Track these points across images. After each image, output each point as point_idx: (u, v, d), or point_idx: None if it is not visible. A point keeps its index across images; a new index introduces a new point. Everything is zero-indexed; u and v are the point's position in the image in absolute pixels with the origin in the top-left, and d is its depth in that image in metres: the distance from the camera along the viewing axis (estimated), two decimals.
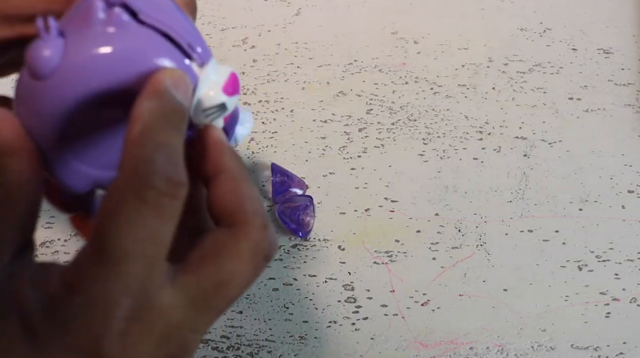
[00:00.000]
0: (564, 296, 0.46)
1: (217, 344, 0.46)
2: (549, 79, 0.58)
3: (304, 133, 0.54)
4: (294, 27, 0.61)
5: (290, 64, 0.58)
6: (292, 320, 0.46)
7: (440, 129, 0.54)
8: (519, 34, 0.62)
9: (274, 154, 0.52)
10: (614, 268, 0.47)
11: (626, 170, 0.52)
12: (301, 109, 0.55)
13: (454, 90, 0.57)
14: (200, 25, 0.61)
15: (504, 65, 0.59)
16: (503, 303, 0.45)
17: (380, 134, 0.54)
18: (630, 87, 0.58)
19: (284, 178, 0.49)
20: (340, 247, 0.47)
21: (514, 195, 0.51)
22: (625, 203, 0.51)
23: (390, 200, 0.50)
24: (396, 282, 0.46)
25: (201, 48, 0.23)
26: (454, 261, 0.47)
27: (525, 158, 0.53)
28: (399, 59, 0.59)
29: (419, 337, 0.44)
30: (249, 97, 0.56)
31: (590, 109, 0.57)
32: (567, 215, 0.50)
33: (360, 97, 0.56)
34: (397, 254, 0.47)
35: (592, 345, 0.44)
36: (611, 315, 0.45)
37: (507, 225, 0.49)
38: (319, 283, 0.47)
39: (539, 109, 0.56)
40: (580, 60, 0.60)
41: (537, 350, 0.43)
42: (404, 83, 0.57)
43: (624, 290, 0.46)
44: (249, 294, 0.47)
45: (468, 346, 0.43)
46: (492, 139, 0.54)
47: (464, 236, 0.48)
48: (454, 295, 0.45)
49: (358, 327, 0.44)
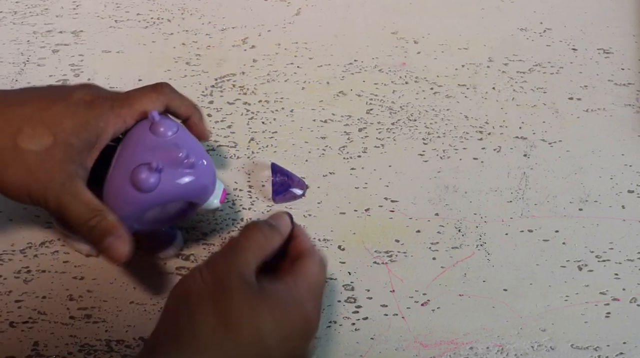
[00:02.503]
0: (564, 296, 0.46)
1: None
2: (549, 79, 0.58)
3: (304, 133, 0.54)
4: (294, 27, 0.61)
5: (290, 64, 0.58)
6: None
7: (440, 129, 0.54)
8: (519, 34, 0.62)
9: (274, 154, 0.52)
10: (614, 268, 0.47)
11: (626, 170, 0.52)
12: (301, 109, 0.55)
13: (454, 90, 0.57)
14: (200, 25, 0.61)
15: (504, 65, 0.59)
16: (503, 303, 0.45)
17: (380, 134, 0.54)
18: (630, 87, 0.58)
19: (284, 178, 0.49)
20: (340, 247, 0.47)
21: (514, 195, 0.51)
22: (625, 204, 0.50)
23: (390, 200, 0.50)
24: (396, 282, 0.46)
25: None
26: (454, 261, 0.47)
27: (525, 158, 0.53)
28: (399, 59, 0.59)
29: (419, 337, 0.44)
30: (249, 97, 0.56)
31: (590, 109, 0.57)
32: (567, 215, 0.50)
33: (360, 97, 0.56)
34: (397, 254, 0.47)
35: (592, 345, 0.44)
36: (611, 315, 0.45)
37: (507, 225, 0.49)
38: None
39: (539, 109, 0.56)
40: (580, 60, 0.60)
41: (537, 350, 0.43)
42: (404, 83, 0.57)
43: (624, 290, 0.46)
44: None
45: (468, 346, 0.43)
46: (492, 139, 0.54)
47: (464, 236, 0.48)
48: (454, 295, 0.45)
49: (358, 327, 0.44)
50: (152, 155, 0.36)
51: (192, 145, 0.39)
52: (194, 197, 0.39)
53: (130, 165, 0.36)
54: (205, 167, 0.38)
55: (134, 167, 0.36)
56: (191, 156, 0.36)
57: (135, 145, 0.38)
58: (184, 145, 0.37)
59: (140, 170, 0.35)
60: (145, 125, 0.38)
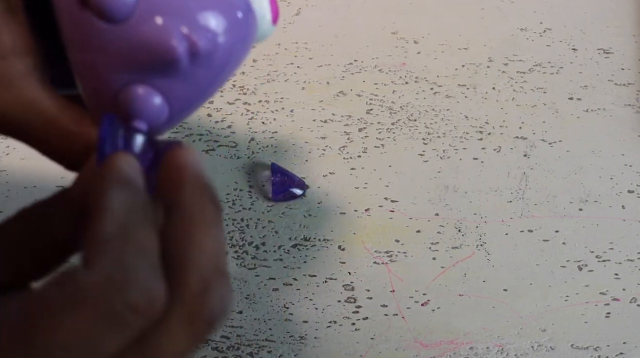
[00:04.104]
0: (564, 296, 0.46)
1: (217, 344, 0.46)
2: (549, 79, 0.58)
3: (304, 133, 0.54)
4: (294, 27, 0.61)
5: (290, 64, 0.58)
6: (292, 320, 0.46)
7: (440, 129, 0.54)
8: (519, 34, 0.62)
9: (274, 154, 0.52)
10: (614, 268, 0.47)
11: (626, 170, 0.52)
12: (301, 109, 0.55)
13: (454, 90, 0.57)
14: None
15: (504, 65, 0.59)
16: (503, 303, 0.45)
17: (380, 134, 0.54)
18: (630, 87, 0.58)
19: (284, 178, 0.49)
20: (340, 247, 0.47)
21: (514, 195, 0.51)
22: (625, 204, 0.50)
23: (390, 200, 0.50)
24: (396, 282, 0.46)
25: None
26: (454, 261, 0.47)
27: (525, 158, 0.53)
28: (399, 59, 0.59)
29: (419, 337, 0.44)
30: (249, 97, 0.56)
31: (590, 109, 0.57)
32: (567, 215, 0.50)
33: (360, 97, 0.56)
34: (397, 254, 0.47)
35: (592, 345, 0.44)
36: (611, 315, 0.45)
37: (507, 225, 0.49)
38: (319, 283, 0.47)
39: (539, 109, 0.56)
40: (580, 60, 0.60)
41: (537, 350, 0.43)
42: (404, 83, 0.57)
43: (624, 290, 0.46)
44: (248, 294, 0.47)
45: (468, 346, 0.43)
46: (492, 139, 0.54)
47: (464, 236, 0.48)
48: (454, 295, 0.45)
49: (358, 327, 0.44)
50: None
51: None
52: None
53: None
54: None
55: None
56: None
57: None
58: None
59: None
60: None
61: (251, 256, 0.48)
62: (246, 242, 0.48)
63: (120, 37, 0.20)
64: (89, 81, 0.22)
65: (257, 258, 0.48)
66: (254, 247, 0.48)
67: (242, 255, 0.48)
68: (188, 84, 0.22)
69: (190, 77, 0.22)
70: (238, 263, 0.48)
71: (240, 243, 0.48)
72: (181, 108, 0.23)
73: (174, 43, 0.20)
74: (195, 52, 0.21)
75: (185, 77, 0.22)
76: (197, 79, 0.22)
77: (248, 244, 0.48)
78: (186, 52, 0.21)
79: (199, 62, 0.21)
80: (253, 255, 0.48)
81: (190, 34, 0.20)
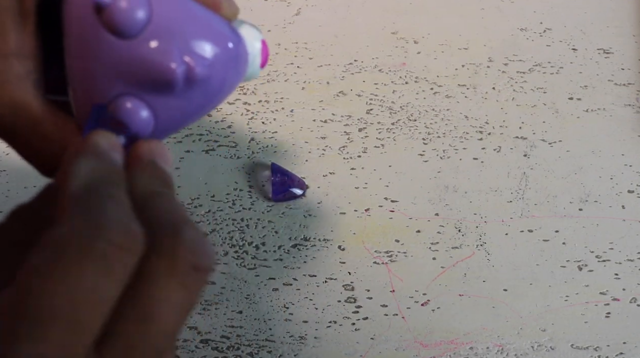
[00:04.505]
0: (564, 296, 0.46)
1: (217, 344, 0.46)
2: (549, 79, 0.58)
3: (304, 133, 0.54)
4: (294, 27, 0.61)
5: (290, 64, 0.58)
6: (292, 320, 0.46)
7: (440, 129, 0.54)
8: (519, 34, 0.62)
9: (274, 154, 0.52)
10: (614, 268, 0.47)
11: (626, 170, 0.52)
12: (301, 109, 0.55)
13: (454, 90, 0.57)
14: None
15: (504, 65, 0.59)
16: (503, 303, 0.45)
17: (380, 134, 0.54)
18: (630, 87, 0.58)
19: (284, 178, 0.49)
20: (340, 247, 0.47)
21: (514, 195, 0.51)
22: (625, 203, 0.50)
23: (390, 200, 0.50)
24: (396, 282, 0.46)
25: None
26: (454, 261, 0.47)
27: (525, 158, 0.53)
28: (399, 59, 0.59)
29: (419, 337, 0.44)
30: (248, 97, 0.56)
31: (590, 109, 0.57)
32: (567, 215, 0.50)
33: (360, 97, 0.56)
34: (397, 254, 0.47)
35: (592, 345, 0.44)
36: (611, 315, 0.45)
37: (507, 225, 0.49)
38: (319, 283, 0.47)
39: (539, 109, 0.56)
40: (580, 60, 0.60)
41: (537, 350, 0.43)
42: (404, 83, 0.57)
43: (624, 290, 0.46)
44: (248, 294, 0.47)
45: (468, 346, 0.43)
46: (492, 139, 0.54)
47: (464, 236, 0.48)
48: (454, 295, 0.45)
49: (358, 327, 0.44)
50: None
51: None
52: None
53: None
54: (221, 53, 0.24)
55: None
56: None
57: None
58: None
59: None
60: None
61: (251, 256, 0.48)
62: (246, 242, 0.48)
63: (124, 52, 0.22)
64: (83, 88, 0.23)
65: (257, 258, 0.48)
66: (254, 247, 0.48)
67: (242, 255, 0.48)
68: (177, 105, 0.24)
69: (181, 99, 0.23)
70: (238, 263, 0.48)
71: (240, 243, 0.48)
72: (165, 126, 0.24)
73: (174, 66, 0.22)
74: (192, 78, 0.22)
75: (176, 98, 0.23)
76: (187, 102, 0.24)
77: (248, 244, 0.48)
78: (183, 75, 0.22)
79: (193, 86, 0.23)
80: (253, 255, 0.48)
81: (190, 59, 0.22)
